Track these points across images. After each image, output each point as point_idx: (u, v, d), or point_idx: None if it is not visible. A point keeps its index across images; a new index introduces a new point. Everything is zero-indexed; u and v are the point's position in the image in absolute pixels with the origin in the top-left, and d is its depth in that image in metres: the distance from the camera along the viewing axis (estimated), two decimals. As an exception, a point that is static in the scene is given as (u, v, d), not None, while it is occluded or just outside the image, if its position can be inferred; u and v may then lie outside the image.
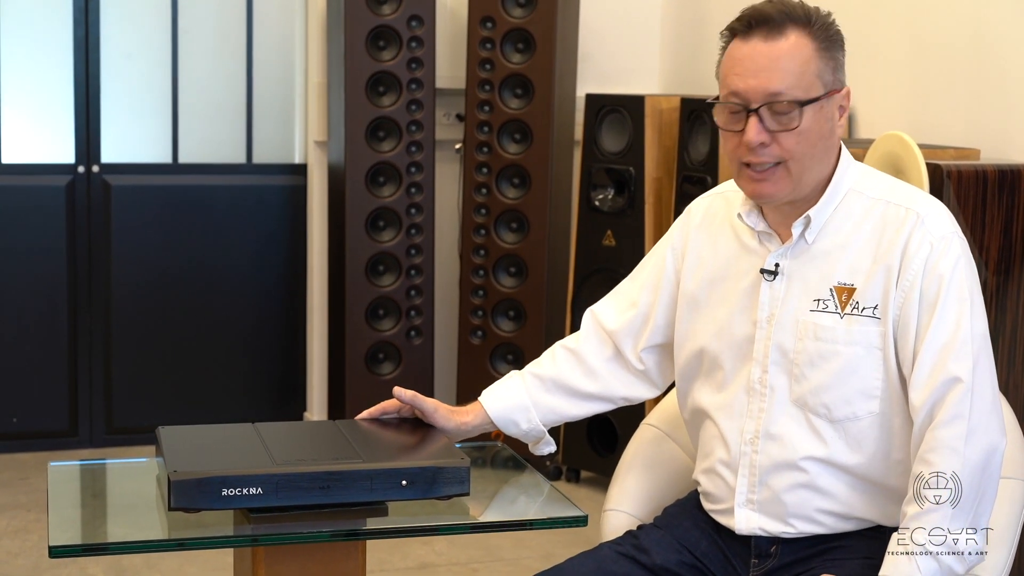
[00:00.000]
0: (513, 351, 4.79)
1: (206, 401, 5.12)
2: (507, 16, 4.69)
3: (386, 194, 4.73)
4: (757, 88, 2.12)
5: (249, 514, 2.07)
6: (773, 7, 2.15)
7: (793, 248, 2.22)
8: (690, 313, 2.34)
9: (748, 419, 2.24)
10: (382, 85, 4.68)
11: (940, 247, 2.13)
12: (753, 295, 2.25)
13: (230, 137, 5.13)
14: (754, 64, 2.13)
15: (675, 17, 5.19)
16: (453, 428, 2.39)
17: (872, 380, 2.16)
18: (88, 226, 4.94)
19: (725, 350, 2.27)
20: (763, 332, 2.23)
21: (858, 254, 2.17)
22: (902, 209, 2.17)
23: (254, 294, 5.17)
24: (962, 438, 2.06)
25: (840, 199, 2.20)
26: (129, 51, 4.97)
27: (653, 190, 4.57)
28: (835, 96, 2.16)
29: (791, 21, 2.13)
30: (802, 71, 2.12)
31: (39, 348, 4.95)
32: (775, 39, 2.12)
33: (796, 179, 2.15)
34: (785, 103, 2.11)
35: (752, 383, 2.24)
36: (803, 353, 2.19)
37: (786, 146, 2.13)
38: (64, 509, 2.22)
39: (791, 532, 2.23)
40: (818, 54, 2.13)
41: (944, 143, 3.72)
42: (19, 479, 4.68)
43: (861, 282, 2.16)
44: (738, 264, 2.28)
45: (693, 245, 2.35)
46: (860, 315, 2.15)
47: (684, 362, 2.35)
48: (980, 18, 3.69)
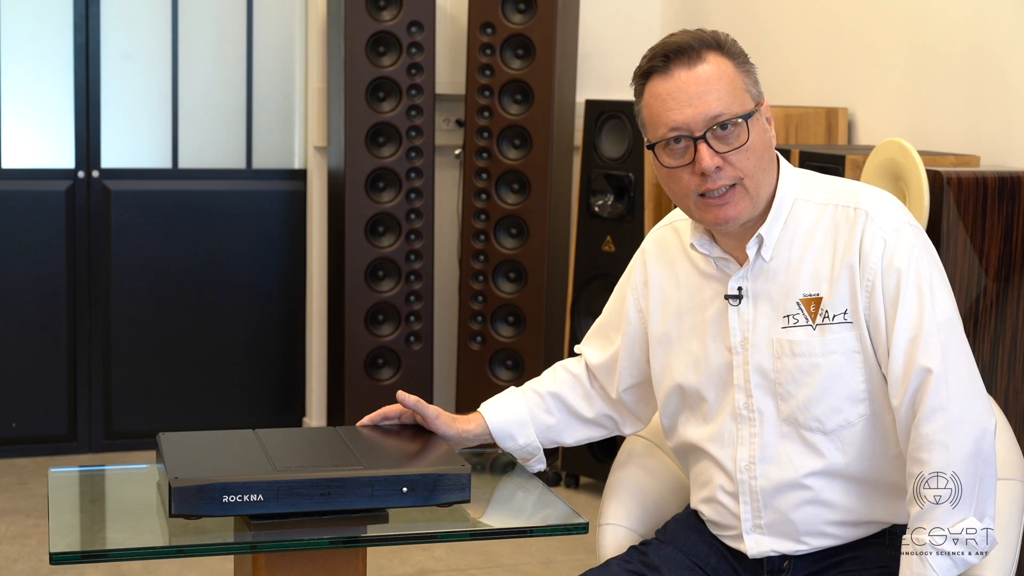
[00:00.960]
0: (512, 357, 4.79)
1: (205, 406, 5.12)
2: (507, 22, 4.70)
3: (386, 199, 4.73)
4: (696, 116, 2.12)
5: (250, 521, 2.07)
6: (683, 37, 2.16)
7: (752, 269, 2.21)
8: (663, 351, 2.33)
9: (741, 446, 2.24)
10: (382, 90, 4.68)
11: (892, 240, 2.12)
12: (722, 322, 2.24)
13: (230, 142, 5.13)
14: (685, 93, 2.13)
15: (675, 23, 5.19)
16: (454, 435, 2.39)
17: (856, 384, 2.16)
18: (88, 231, 4.94)
19: (705, 381, 2.26)
20: (739, 357, 2.22)
21: (817, 262, 2.17)
22: (850, 210, 2.17)
23: (253, 299, 5.17)
24: (946, 430, 2.06)
25: (788, 211, 2.20)
26: (129, 54, 4.96)
27: (653, 196, 4.57)
28: (761, 108, 2.17)
29: (704, 46, 2.14)
30: (732, 88, 2.13)
31: (38, 353, 4.95)
32: (696, 65, 2.13)
33: (754, 195, 2.15)
34: (729, 122, 2.12)
35: (739, 409, 2.23)
36: (783, 372, 2.18)
37: (739, 165, 2.13)
38: (64, 515, 2.21)
39: (804, 549, 2.23)
40: (738, 70, 2.15)
41: (944, 150, 3.72)
42: (18, 484, 4.68)
43: (826, 290, 2.16)
44: (701, 293, 2.28)
45: (655, 281, 2.34)
46: (832, 323, 2.15)
47: (664, 399, 2.35)
48: (980, 25, 3.70)
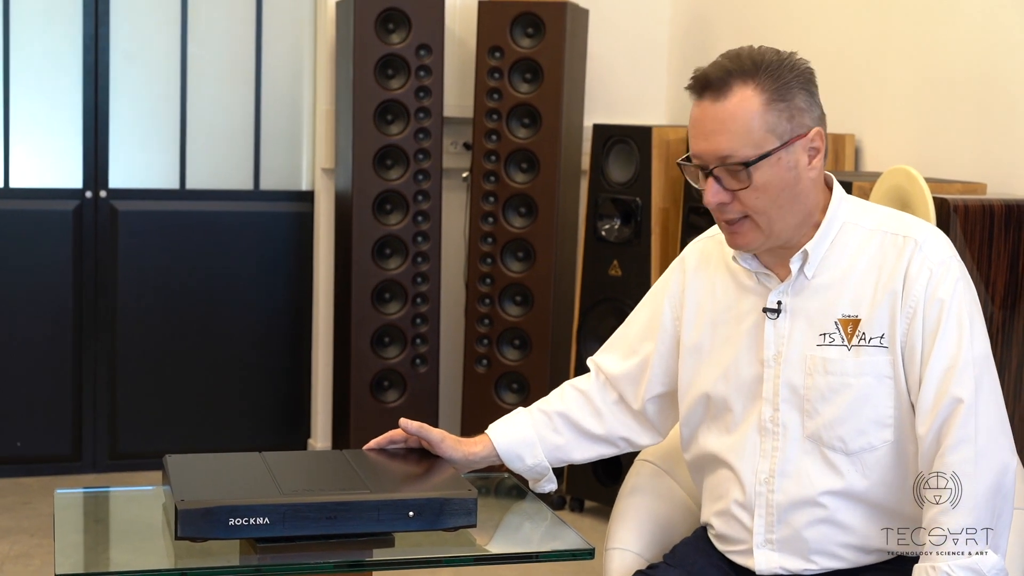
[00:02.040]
0: (518, 380, 4.79)
1: (210, 427, 5.12)
2: (515, 46, 4.71)
3: (393, 222, 4.74)
4: (708, 151, 2.14)
5: (256, 544, 2.06)
6: (716, 68, 2.14)
7: (793, 284, 2.22)
8: (694, 360, 2.33)
9: (762, 459, 2.24)
10: (390, 113, 4.69)
11: (939, 272, 2.14)
12: (757, 335, 2.25)
13: (238, 163, 5.14)
14: (704, 127, 2.14)
15: (682, 48, 5.21)
16: (461, 458, 2.38)
17: (884, 409, 2.16)
18: (95, 251, 4.95)
19: (733, 392, 2.27)
20: (771, 371, 2.23)
21: (859, 285, 2.18)
22: (899, 237, 2.18)
23: (260, 320, 5.17)
24: (971, 462, 2.06)
25: (835, 232, 2.20)
26: (138, 75, 4.98)
27: (660, 221, 4.57)
28: (796, 143, 2.14)
29: (735, 77, 2.12)
30: (748, 129, 2.11)
31: (44, 372, 4.95)
32: (720, 100, 2.12)
33: (766, 231, 2.16)
34: (734, 165, 2.12)
35: (764, 422, 2.24)
36: (814, 388, 2.19)
37: (747, 203, 2.14)
38: (70, 536, 2.21)
39: (812, 569, 2.23)
40: (767, 107, 2.11)
41: (951, 177, 3.72)
42: (22, 504, 4.67)
43: (866, 312, 2.16)
44: (739, 305, 2.28)
45: (691, 291, 2.35)
46: (868, 345, 2.16)
47: (688, 409, 2.35)
48: (988, 53, 3.70)
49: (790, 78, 2.13)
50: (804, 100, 2.15)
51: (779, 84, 2.12)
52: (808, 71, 2.17)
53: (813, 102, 2.16)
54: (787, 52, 2.17)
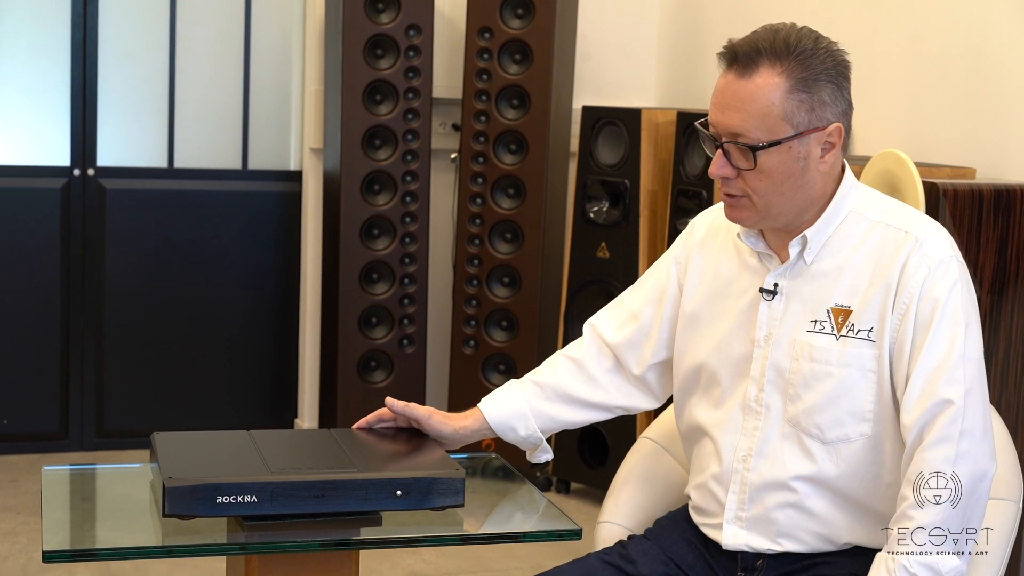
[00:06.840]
0: (505, 361, 4.80)
1: (197, 406, 5.12)
2: (505, 27, 4.70)
3: (381, 202, 4.73)
4: (722, 124, 2.13)
5: (243, 522, 2.07)
6: (748, 43, 2.12)
7: (792, 268, 2.22)
8: (690, 329, 2.34)
9: (742, 436, 2.25)
10: (379, 93, 4.68)
11: (937, 271, 2.13)
12: (752, 314, 2.25)
13: (226, 143, 5.13)
14: (723, 100, 2.14)
15: (672, 31, 5.20)
16: (450, 432, 2.38)
17: (864, 403, 2.16)
18: (83, 229, 4.94)
19: (723, 367, 2.28)
20: (760, 351, 2.23)
21: (856, 276, 2.17)
22: (901, 232, 2.17)
23: (247, 300, 5.16)
24: (949, 462, 2.06)
25: (840, 220, 2.20)
26: (126, 53, 4.96)
27: (648, 203, 4.57)
28: (811, 136, 2.12)
29: (764, 57, 2.09)
30: (765, 114, 2.10)
31: (31, 350, 4.94)
32: (745, 77, 2.11)
33: (762, 212, 2.17)
34: (743, 144, 2.12)
35: (748, 401, 2.25)
36: (798, 373, 2.19)
37: (749, 183, 2.14)
38: (57, 513, 2.21)
39: (777, 549, 2.24)
40: (788, 95, 2.09)
41: (940, 162, 3.73)
42: (9, 481, 4.67)
43: (858, 304, 2.16)
44: (739, 282, 2.29)
45: (695, 260, 2.35)
46: (855, 337, 2.16)
47: (683, 377, 2.36)
48: (977, 37, 3.71)
49: (820, 69, 2.10)
50: (830, 94, 2.12)
51: (807, 74, 2.10)
52: (843, 64, 2.14)
53: (840, 96, 2.13)
54: (827, 40, 2.14)
